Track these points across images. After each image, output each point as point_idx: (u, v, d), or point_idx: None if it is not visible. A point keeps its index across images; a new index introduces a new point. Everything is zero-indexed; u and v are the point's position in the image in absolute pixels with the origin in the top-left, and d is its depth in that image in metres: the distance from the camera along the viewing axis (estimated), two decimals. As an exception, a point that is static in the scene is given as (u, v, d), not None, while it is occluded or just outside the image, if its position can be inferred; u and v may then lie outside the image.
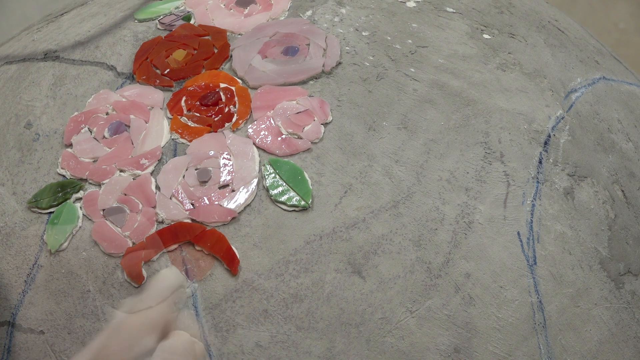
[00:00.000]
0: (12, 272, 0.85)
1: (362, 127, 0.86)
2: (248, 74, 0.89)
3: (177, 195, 0.84)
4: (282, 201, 0.83)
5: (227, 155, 0.85)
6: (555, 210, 0.86)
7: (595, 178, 0.89)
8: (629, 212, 0.90)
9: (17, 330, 0.83)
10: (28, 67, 0.96)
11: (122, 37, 0.94)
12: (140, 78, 0.91)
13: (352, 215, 0.83)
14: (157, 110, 0.88)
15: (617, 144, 0.93)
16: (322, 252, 0.82)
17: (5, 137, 0.91)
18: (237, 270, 0.81)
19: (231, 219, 0.83)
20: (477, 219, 0.84)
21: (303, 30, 0.92)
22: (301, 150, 0.85)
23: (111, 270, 0.83)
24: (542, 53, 0.95)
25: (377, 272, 0.82)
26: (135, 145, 0.87)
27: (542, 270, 0.84)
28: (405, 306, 0.81)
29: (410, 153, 0.86)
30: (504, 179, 0.86)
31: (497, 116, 0.89)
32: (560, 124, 0.90)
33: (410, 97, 0.88)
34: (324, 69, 0.89)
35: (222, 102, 0.88)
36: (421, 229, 0.83)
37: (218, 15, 0.94)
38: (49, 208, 0.85)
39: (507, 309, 0.82)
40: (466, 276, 0.82)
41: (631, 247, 0.89)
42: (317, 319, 0.81)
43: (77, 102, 0.91)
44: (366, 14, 0.94)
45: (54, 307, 0.83)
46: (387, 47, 0.91)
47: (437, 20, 0.94)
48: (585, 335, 0.84)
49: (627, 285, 0.88)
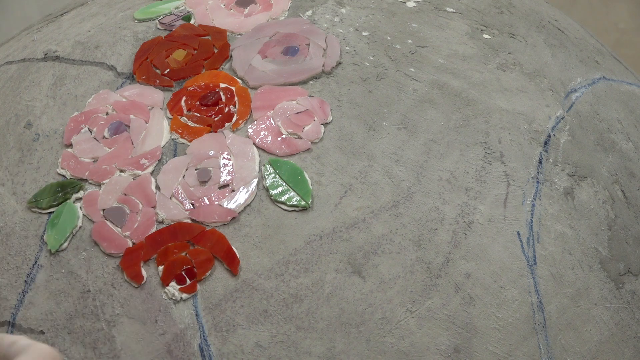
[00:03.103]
0: (12, 272, 0.85)
1: (362, 127, 0.86)
2: (248, 74, 0.89)
3: (177, 195, 0.84)
4: (282, 201, 0.83)
5: (227, 155, 0.85)
6: (555, 210, 0.86)
7: (595, 178, 0.89)
8: (629, 212, 0.90)
9: (17, 330, 0.83)
10: (28, 67, 0.96)
11: (122, 37, 0.94)
12: (140, 78, 0.91)
13: (352, 215, 0.83)
14: (157, 110, 0.88)
15: (617, 144, 0.93)
16: (322, 252, 0.82)
17: (5, 137, 0.91)
18: (238, 270, 0.81)
19: (231, 219, 0.83)
20: (477, 219, 0.84)
21: (303, 30, 0.92)
22: (301, 150, 0.85)
23: (111, 270, 0.83)
24: (542, 53, 0.95)
25: (377, 272, 0.82)
26: (135, 145, 0.87)
27: (542, 270, 0.84)
28: (405, 306, 0.81)
29: (410, 153, 0.86)
30: (504, 179, 0.86)
31: (497, 116, 0.89)
32: (560, 124, 0.90)
33: (410, 97, 0.88)
34: (324, 69, 0.89)
35: (222, 102, 0.88)
36: (421, 229, 0.83)
37: (218, 15, 0.94)
38: (49, 208, 0.85)
39: (507, 309, 0.82)
40: (466, 276, 0.82)
41: (631, 247, 0.89)
42: (317, 319, 0.81)
43: (77, 102, 0.91)
44: (366, 14, 0.94)
45: (54, 307, 0.83)
46: (387, 47, 0.91)
47: (437, 20, 0.94)
48: (585, 335, 0.84)
49: (627, 285, 0.88)
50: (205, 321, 0.81)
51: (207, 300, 0.81)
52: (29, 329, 0.83)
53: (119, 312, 0.82)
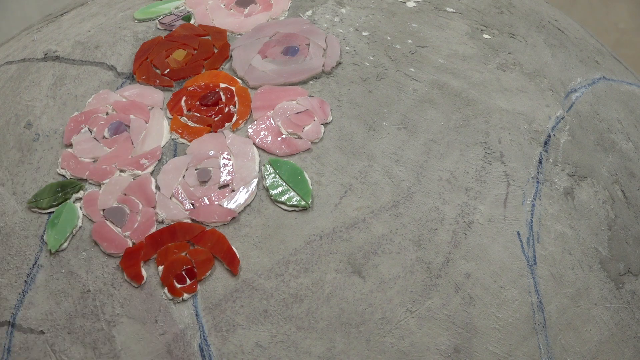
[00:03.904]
0: (12, 272, 0.85)
1: (362, 127, 0.86)
2: (248, 74, 0.89)
3: (177, 195, 0.84)
4: (282, 201, 0.83)
5: (227, 155, 0.85)
6: (555, 210, 0.86)
7: (595, 178, 0.89)
8: (629, 212, 0.90)
9: (17, 330, 0.83)
10: (28, 67, 0.96)
11: (122, 37, 0.94)
12: (140, 78, 0.91)
13: (352, 215, 0.83)
14: (157, 110, 0.88)
15: (617, 144, 0.93)
16: (322, 252, 0.82)
17: (5, 137, 0.91)
18: (238, 270, 0.81)
19: (231, 219, 0.83)
20: (477, 219, 0.84)
21: (303, 30, 0.92)
22: (301, 150, 0.85)
23: (111, 270, 0.83)
24: (542, 53, 0.95)
25: (377, 272, 0.82)
26: (135, 145, 0.87)
27: (542, 270, 0.84)
28: (405, 306, 0.81)
29: (410, 153, 0.86)
30: (504, 179, 0.86)
31: (497, 116, 0.89)
32: (560, 124, 0.90)
33: (410, 97, 0.88)
34: (324, 69, 0.89)
35: (222, 102, 0.88)
36: (421, 229, 0.83)
37: (218, 15, 0.94)
38: (49, 208, 0.86)
39: (507, 309, 0.82)
40: (466, 276, 0.82)
41: (631, 247, 0.89)
42: (317, 319, 0.81)
43: (77, 102, 0.91)
44: (366, 14, 0.94)
45: (54, 307, 0.83)
46: (387, 47, 0.91)
47: (437, 20, 0.94)
48: (585, 335, 0.84)
49: (627, 285, 0.88)
50: (205, 321, 0.81)
51: (207, 300, 0.81)
52: (29, 329, 0.83)
53: (119, 312, 0.82)
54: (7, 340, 0.83)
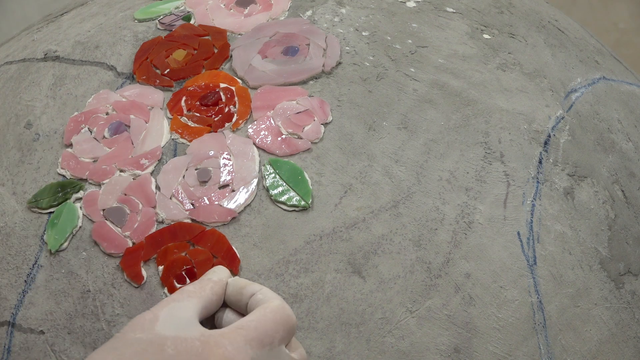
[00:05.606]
0: (12, 272, 0.85)
1: (362, 127, 0.86)
2: (248, 74, 0.89)
3: (177, 195, 0.84)
4: (282, 201, 0.83)
5: (227, 155, 0.85)
6: (555, 210, 0.86)
7: (595, 178, 0.89)
8: (629, 212, 0.90)
9: (17, 330, 0.83)
10: (28, 67, 0.96)
11: (122, 37, 0.94)
12: (140, 78, 0.91)
13: (352, 215, 0.83)
14: (157, 110, 0.88)
15: (617, 144, 0.93)
16: (322, 252, 0.82)
17: (5, 137, 0.91)
18: (238, 270, 0.81)
19: (231, 219, 0.83)
20: (477, 219, 0.84)
21: (303, 30, 0.92)
22: (301, 150, 0.85)
23: (111, 270, 0.83)
24: (542, 53, 0.95)
25: (377, 272, 0.82)
26: (135, 145, 0.87)
27: (542, 270, 0.84)
28: (405, 306, 0.81)
29: (410, 153, 0.86)
30: (504, 179, 0.86)
31: (497, 116, 0.89)
32: (560, 124, 0.90)
33: (410, 97, 0.88)
34: (324, 69, 0.89)
35: (222, 102, 0.88)
36: (421, 229, 0.83)
37: (218, 15, 0.94)
38: (49, 208, 0.86)
39: (507, 309, 0.82)
40: (466, 276, 0.82)
41: (631, 247, 0.89)
42: (317, 319, 0.81)
43: (77, 102, 0.91)
44: (366, 14, 0.94)
45: (54, 307, 0.83)
46: (387, 47, 0.91)
47: (437, 20, 0.94)
48: (585, 335, 0.84)
49: (627, 285, 0.88)
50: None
51: (207, 300, 0.81)
52: (29, 329, 0.83)
53: (119, 312, 0.82)
54: (7, 340, 0.83)
